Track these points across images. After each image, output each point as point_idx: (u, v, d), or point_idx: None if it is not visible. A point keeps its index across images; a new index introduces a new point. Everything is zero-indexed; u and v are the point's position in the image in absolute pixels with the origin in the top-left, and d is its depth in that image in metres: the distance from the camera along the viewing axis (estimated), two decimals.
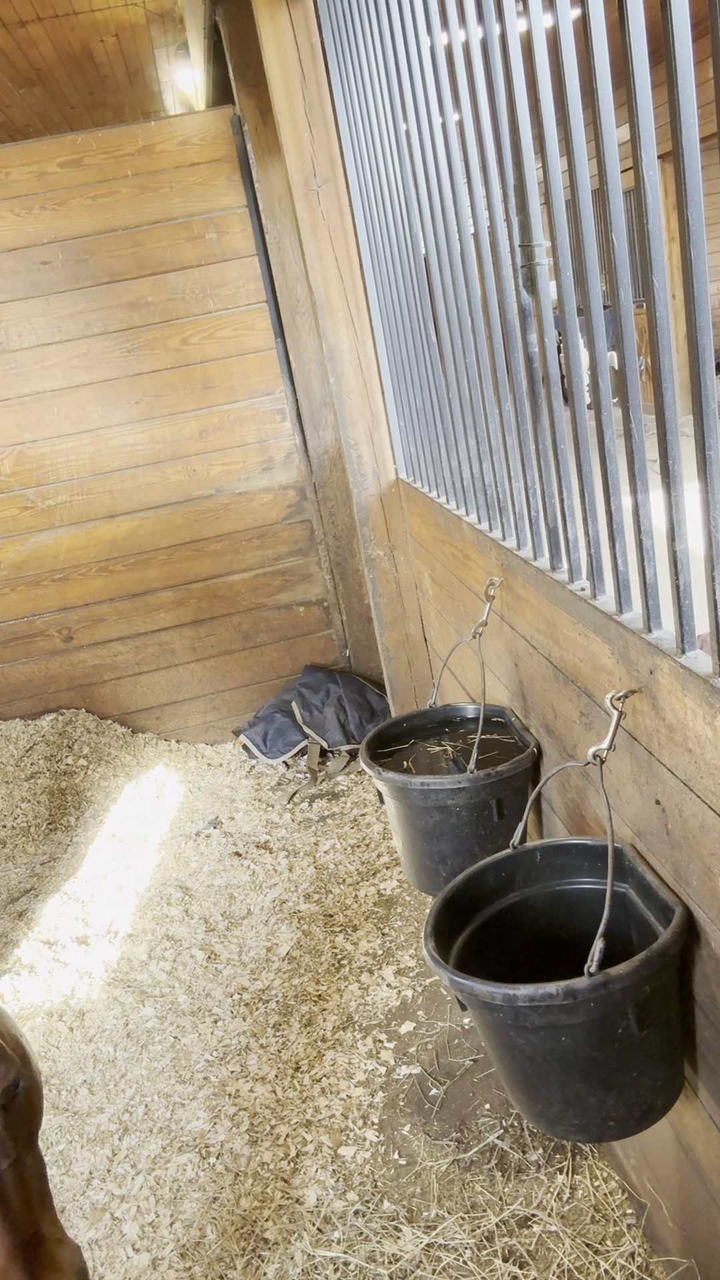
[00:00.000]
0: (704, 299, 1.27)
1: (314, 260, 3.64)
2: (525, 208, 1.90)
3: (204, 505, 5.18)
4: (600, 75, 1.43)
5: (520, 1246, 2.15)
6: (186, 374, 4.98)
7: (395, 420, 3.82)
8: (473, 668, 3.05)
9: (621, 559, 1.71)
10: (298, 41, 3.36)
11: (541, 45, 1.68)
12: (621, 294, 1.51)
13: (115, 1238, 2.39)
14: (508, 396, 2.26)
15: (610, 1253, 2.10)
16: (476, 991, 1.55)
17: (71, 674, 5.32)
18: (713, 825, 1.44)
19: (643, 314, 9.38)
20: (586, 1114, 1.63)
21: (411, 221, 2.86)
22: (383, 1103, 2.66)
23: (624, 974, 1.48)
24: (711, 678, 1.37)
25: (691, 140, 1.22)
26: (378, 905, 3.55)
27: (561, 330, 2.05)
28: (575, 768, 2.10)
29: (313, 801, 4.49)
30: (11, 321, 4.79)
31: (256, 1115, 2.69)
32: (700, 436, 1.29)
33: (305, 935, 3.44)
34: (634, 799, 1.75)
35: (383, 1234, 2.26)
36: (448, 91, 2.30)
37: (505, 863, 1.95)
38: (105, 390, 4.94)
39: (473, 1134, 2.50)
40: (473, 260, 2.38)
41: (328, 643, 5.55)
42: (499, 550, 2.46)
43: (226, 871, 4.00)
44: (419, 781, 2.32)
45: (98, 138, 4.65)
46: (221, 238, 4.84)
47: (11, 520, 5.05)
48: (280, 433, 5.13)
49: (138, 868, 4.19)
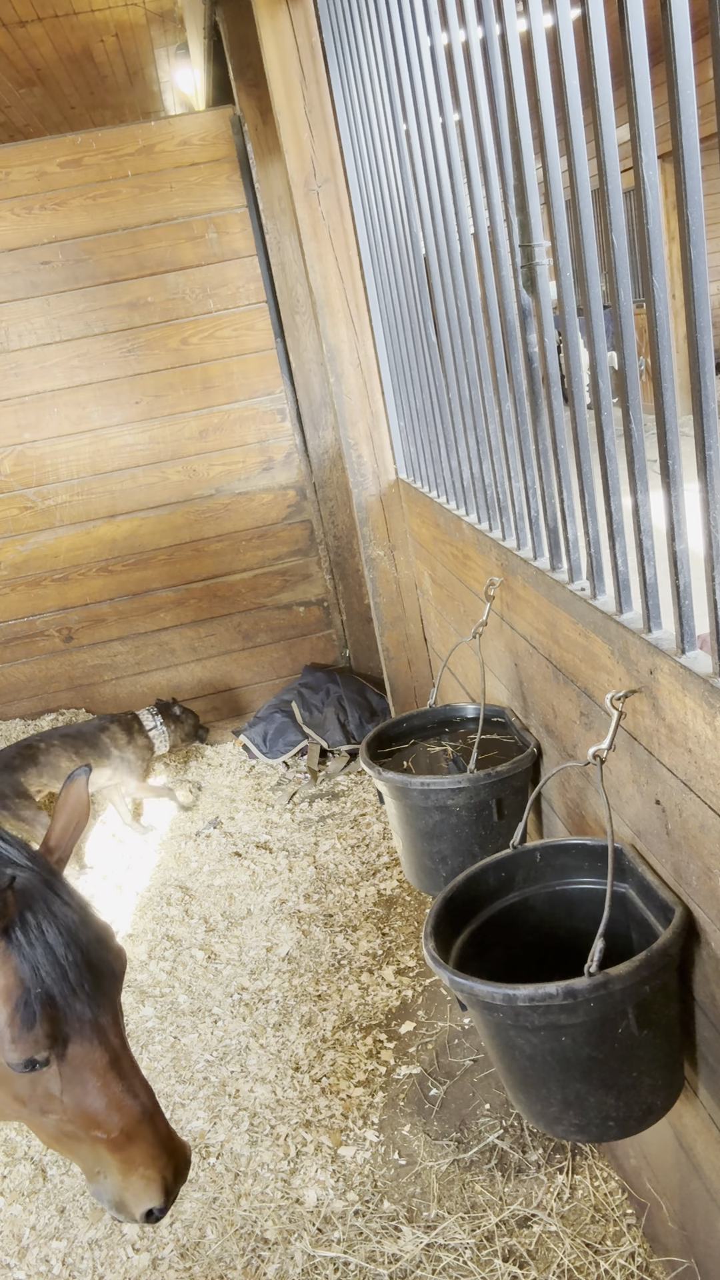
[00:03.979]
0: (704, 299, 1.27)
1: (314, 260, 3.64)
2: (525, 208, 1.90)
3: (204, 505, 5.18)
4: (600, 75, 1.43)
5: (520, 1246, 2.15)
6: (186, 374, 4.98)
7: (395, 420, 3.82)
8: (473, 668, 3.05)
9: (621, 559, 1.71)
10: (298, 41, 3.36)
11: (541, 45, 1.68)
12: (621, 294, 1.51)
13: (115, 1238, 2.39)
14: (508, 396, 2.26)
15: (610, 1253, 2.10)
16: (476, 991, 1.55)
17: (71, 674, 5.32)
18: (713, 825, 1.44)
19: (643, 314, 9.38)
20: (586, 1114, 1.63)
21: (411, 221, 2.86)
22: (383, 1103, 2.66)
23: (624, 974, 1.48)
24: (711, 678, 1.37)
25: (691, 140, 1.22)
26: (378, 905, 3.56)
27: (561, 330, 2.05)
28: (575, 768, 2.10)
29: (313, 801, 4.49)
30: (11, 321, 4.79)
31: (256, 1115, 2.69)
32: (700, 436, 1.29)
33: (305, 935, 3.44)
34: (634, 799, 1.75)
35: (383, 1234, 2.26)
36: (448, 91, 2.30)
37: (505, 863, 1.95)
38: (105, 390, 4.94)
39: (473, 1134, 2.50)
40: (473, 260, 2.38)
41: (328, 643, 5.55)
42: (499, 550, 2.46)
43: (226, 871, 4.00)
44: (419, 781, 2.32)
45: (98, 138, 4.65)
46: (221, 238, 4.84)
47: (11, 520, 5.05)
48: (280, 433, 5.13)
49: (138, 868, 4.19)
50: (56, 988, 1.59)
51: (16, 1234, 2.47)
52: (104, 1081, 1.61)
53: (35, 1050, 1.57)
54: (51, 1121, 1.64)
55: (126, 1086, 1.63)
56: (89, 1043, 1.62)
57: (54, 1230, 2.46)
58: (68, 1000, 1.60)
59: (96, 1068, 1.61)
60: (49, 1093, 1.60)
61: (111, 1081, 1.62)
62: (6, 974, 1.58)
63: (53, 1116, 1.63)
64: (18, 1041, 1.56)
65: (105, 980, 1.67)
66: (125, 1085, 1.63)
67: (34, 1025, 1.56)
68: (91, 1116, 1.60)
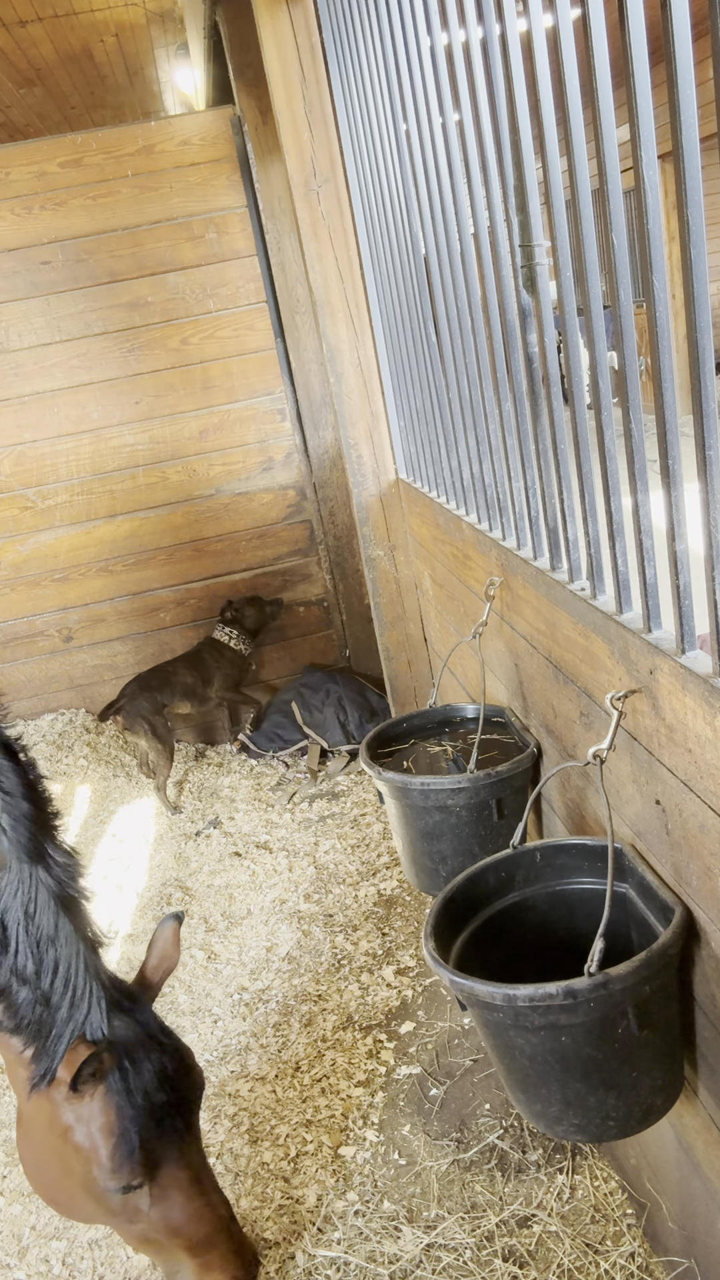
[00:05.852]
0: (704, 299, 1.27)
1: (314, 260, 3.64)
2: (525, 208, 1.90)
3: (204, 505, 5.18)
4: (600, 75, 1.43)
5: (520, 1246, 2.15)
6: (186, 374, 4.98)
7: (395, 420, 3.82)
8: (473, 668, 3.05)
9: (621, 559, 1.71)
10: (298, 41, 3.36)
11: (541, 45, 1.68)
12: (621, 294, 1.51)
13: (115, 1238, 2.40)
14: (508, 396, 2.26)
15: (610, 1253, 2.10)
16: (476, 992, 1.55)
17: (71, 674, 5.32)
18: (713, 825, 1.44)
19: (643, 314, 9.38)
20: (586, 1114, 1.63)
21: (411, 221, 2.86)
22: (383, 1103, 2.66)
23: (624, 974, 1.48)
24: (711, 678, 1.37)
25: (691, 140, 1.22)
26: (378, 905, 3.55)
27: (561, 330, 2.05)
28: (575, 768, 2.10)
29: (313, 801, 4.49)
30: (11, 321, 4.79)
31: (256, 1115, 2.69)
32: (700, 436, 1.29)
33: (305, 935, 3.44)
34: (634, 799, 1.75)
35: (383, 1234, 2.26)
36: (448, 91, 2.30)
37: (505, 863, 1.95)
38: (105, 390, 4.94)
39: (473, 1134, 2.50)
40: (473, 260, 2.38)
41: (328, 643, 5.55)
42: (499, 550, 2.46)
43: (226, 871, 4.00)
44: (419, 781, 2.32)
45: (98, 138, 4.65)
46: (221, 238, 4.84)
47: (11, 520, 5.05)
48: (280, 433, 5.13)
49: (138, 868, 4.19)
50: (150, 1123, 1.78)
51: (16, 1234, 2.47)
52: (187, 1198, 1.83)
53: (131, 1178, 1.77)
54: (138, 1229, 1.84)
55: (206, 1201, 1.86)
56: (175, 1166, 1.83)
57: (54, 1230, 2.46)
58: (159, 1133, 1.80)
59: (181, 1186, 1.83)
60: (138, 1208, 1.81)
61: (194, 1198, 1.84)
62: (107, 1114, 1.77)
63: (140, 1225, 1.84)
64: (117, 1171, 1.76)
65: (189, 1109, 1.88)
66: (206, 1200, 1.85)
67: (131, 1157, 1.76)
68: (175, 1228, 1.83)
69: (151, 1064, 1.82)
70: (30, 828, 1.85)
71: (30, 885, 1.82)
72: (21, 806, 1.85)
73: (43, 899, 1.82)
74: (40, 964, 1.80)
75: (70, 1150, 1.80)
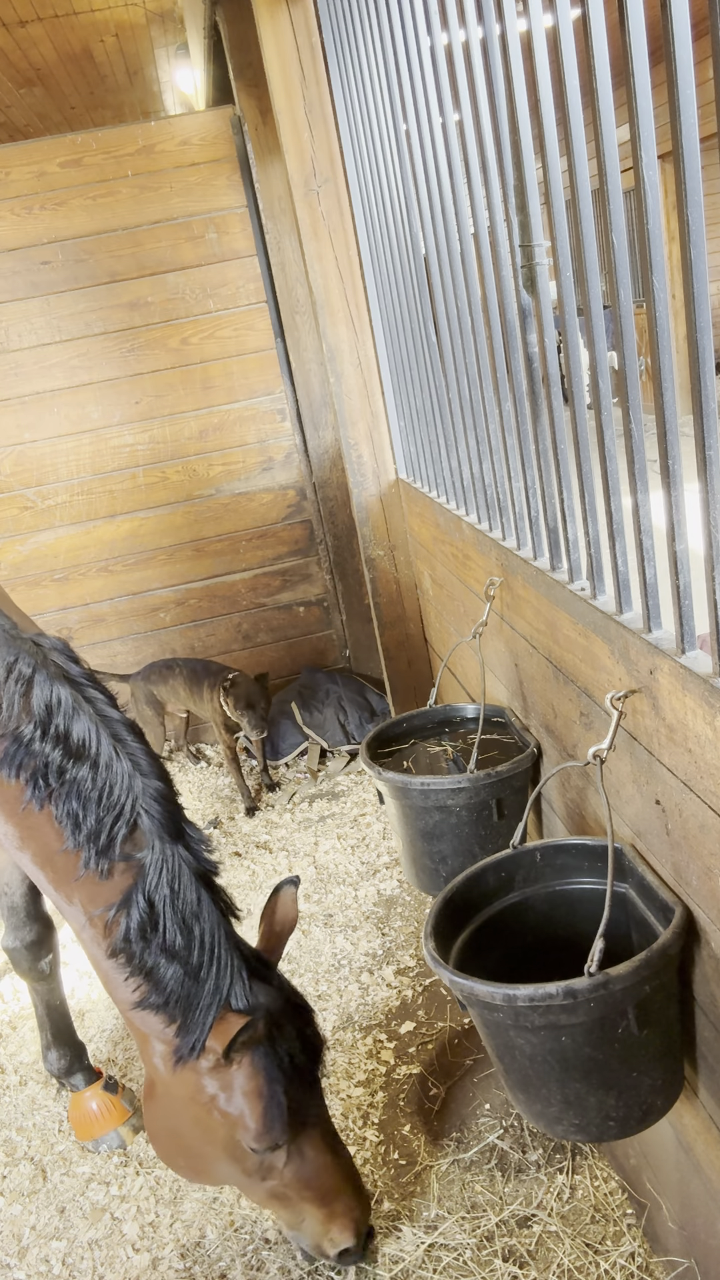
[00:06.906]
0: (704, 299, 1.27)
1: (314, 260, 3.64)
2: (525, 208, 1.90)
3: (204, 505, 5.18)
4: (600, 75, 1.43)
5: (520, 1246, 2.15)
6: (186, 374, 4.98)
7: (395, 420, 3.82)
8: (473, 668, 3.05)
9: (621, 559, 1.71)
10: (298, 41, 3.37)
11: (541, 45, 1.68)
12: (621, 294, 1.51)
13: (115, 1238, 2.40)
14: (508, 396, 2.27)
15: (610, 1253, 2.10)
16: (476, 991, 1.55)
17: None
18: (713, 825, 1.44)
19: (643, 314, 9.38)
20: (586, 1114, 1.63)
21: (411, 221, 2.86)
22: (383, 1103, 2.66)
23: (624, 974, 1.48)
24: (711, 678, 1.37)
25: (691, 140, 1.22)
26: (378, 905, 3.56)
27: (561, 330, 2.05)
28: (575, 768, 2.10)
29: (313, 801, 4.49)
30: (11, 321, 4.79)
31: None
32: (700, 436, 1.29)
33: (305, 935, 3.44)
34: (634, 799, 1.75)
35: (383, 1234, 2.26)
36: (448, 91, 2.30)
37: (505, 863, 1.95)
38: (105, 390, 4.94)
39: (473, 1134, 2.50)
40: (473, 260, 2.38)
41: (328, 643, 5.55)
42: (499, 550, 2.46)
43: (226, 871, 3.99)
44: (419, 781, 2.32)
45: (98, 138, 4.65)
46: (221, 238, 4.84)
47: (11, 520, 5.04)
48: (280, 433, 5.13)
49: None
50: (293, 1089, 1.89)
51: (16, 1234, 2.47)
52: (318, 1152, 1.96)
53: (278, 1139, 1.89)
54: (268, 1185, 1.96)
55: (336, 1154, 1.99)
56: (310, 1125, 1.95)
57: (54, 1230, 2.46)
58: (300, 1097, 1.91)
59: (313, 1142, 1.95)
60: (273, 1166, 1.93)
61: (324, 1151, 1.96)
62: (255, 1079, 1.87)
63: (271, 1183, 1.95)
64: (266, 1133, 1.87)
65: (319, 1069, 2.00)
66: (335, 1153, 1.99)
67: (281, 1119, 1.86)
68: (307, 1180, 1.95)
69: (293, 1028, 1.92)
70: (168, 807, 1.92)
71: (174, 863, 1.89)
72: (157, 786, 1.92)
73: (185, 876, 1.90)
74: (189, 938, 1.88)
75: (214, 1117, 1.90)
